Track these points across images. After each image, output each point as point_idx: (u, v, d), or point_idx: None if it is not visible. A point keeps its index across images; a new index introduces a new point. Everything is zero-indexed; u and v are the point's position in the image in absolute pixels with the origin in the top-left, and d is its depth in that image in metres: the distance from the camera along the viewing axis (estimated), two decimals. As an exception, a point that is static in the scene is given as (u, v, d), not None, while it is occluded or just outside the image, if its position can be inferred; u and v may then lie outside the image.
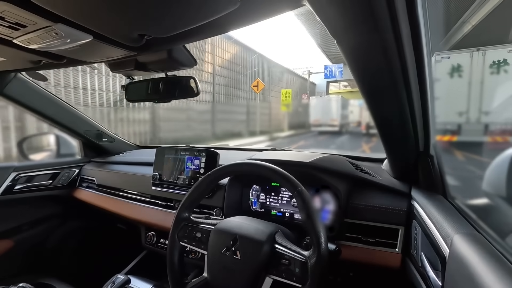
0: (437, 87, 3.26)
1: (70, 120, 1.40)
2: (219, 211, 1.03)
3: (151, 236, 1.23)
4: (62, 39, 0.59)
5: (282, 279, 0.61)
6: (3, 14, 0.50)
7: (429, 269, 0.56)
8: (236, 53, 9.22)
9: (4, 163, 1.29)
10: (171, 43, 0.73)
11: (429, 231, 0.59)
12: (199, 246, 0.72)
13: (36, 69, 1.03)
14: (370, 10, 0.40)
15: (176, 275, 0.74)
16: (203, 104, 7.74)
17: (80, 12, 0.51)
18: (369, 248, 0.81)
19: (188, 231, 0.75)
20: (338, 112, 11.28)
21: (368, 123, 10.51)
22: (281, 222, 0.80)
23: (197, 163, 1.10)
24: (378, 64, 0.51)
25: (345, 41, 0.48)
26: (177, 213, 0.77)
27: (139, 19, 0.56)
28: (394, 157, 0.86)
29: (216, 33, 0.68)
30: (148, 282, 1.07)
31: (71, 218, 1.53)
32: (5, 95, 1.15)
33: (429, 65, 0.56)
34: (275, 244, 0.65)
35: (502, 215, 0.56)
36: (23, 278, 0.98)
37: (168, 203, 1.17)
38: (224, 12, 0.53)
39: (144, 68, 0.91)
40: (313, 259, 0.58)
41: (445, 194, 0.74)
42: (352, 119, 12.44)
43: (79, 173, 1.52)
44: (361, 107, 11.62)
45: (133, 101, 1.13)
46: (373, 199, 0.84)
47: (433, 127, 0.69)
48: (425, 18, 0.48)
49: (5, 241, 1.27)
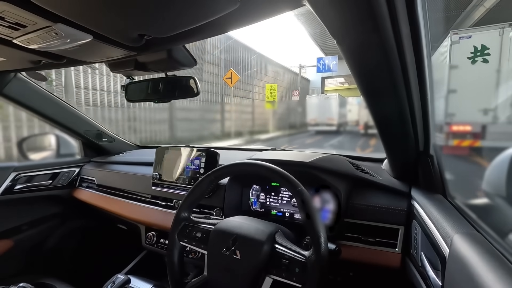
0: (453, 76, 3.12)
1: (70, 120, 1.40)
2: (219, 211, 1.03)
3: (151, 236, 1.23)
4: (62, 39, 0.59)
5: (282, 279, 0.61)
6: (3, 14, 0.50)
7: (429, 269, 0.56)
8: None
9: (4, 163, 1.28)
10: (171, 43, 0.73)
11: (429, 231, 0.59)
12: (199, 246, 0.72)
13: (36, 69, 1.03)
14: (370, 10, 0.40)
15: (176, 275, 0.74)
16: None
17: (80, 12, 0.51)
18: (369, 248, 0.81)
19: (188, 231, 0.75)
20: (336, 111, 10.65)
21: (366, 122, 9.76)
22: (281, 222, 0.80)
23: (197, 163, 1.10)
24: (378, 64, 0.51)
25: (345, 41, 0.48)
26: (177, 213, 0.77)
27: (139, 19, 0.56)
28: (394, 157, 0.86)
29: (216, 33, 0.68)
30: (148, 282, 1.07)
31: (71, 218, 1.53)
32: (5, 95, 1.15)
33: (429, 65, 0.56)
34: (275, 244, 0.65)
35: (502, 215, 0.56)
36: (23, 278, 0.98)
37: (168, 203, 1.17)
38: (224, 12, 0.53)
39: (144, 68, 0.91)
40: (313, 259, 0.58)
41: (445, 194, 0.74)
42: (351, 118, 11.73)
43: (79, 173, 1.52)
44: (359, 105, 10.85)
45: (133, 101, 1.13)
46: (373, 199, 0.84)
47: (433, 127, 0.69)
48: (425, 18, 0.48)
49: (5, 241, 1.26)
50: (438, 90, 4.34)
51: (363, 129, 10.15)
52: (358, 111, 11.26)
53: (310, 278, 0.58)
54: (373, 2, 0.39)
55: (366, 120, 9.78)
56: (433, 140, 0.73)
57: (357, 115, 11.38)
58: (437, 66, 4.55)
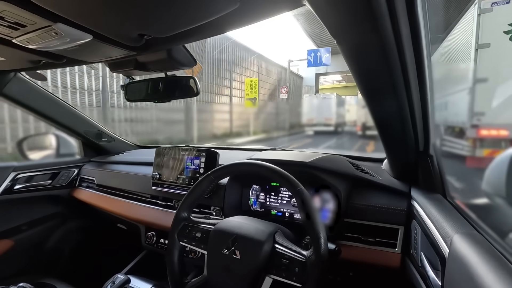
0: (483, 60, 2.19)
1: (70, 120, 1.40)
2: (219, 211, 1.03)
3: (151, 236, 1.23)
4: (62, 39, 0.59)
5: (282, 278, 0.61)
6: (3, 14, 0.50)
7: (429, 269, 0.56)
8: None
9: (3, 163, 1.28)
10: (171, 43, 0.73)
11: (429, 231, 0.59)
12: (199, 246, 0.72)
13: (36, 69, 1.03)
14: (370, 10, 0.40)
15: (176, 275, 0.74)
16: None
17: (79, 12, 0.51)
18: (369, 248, 0.81)
19: (188, 231, 0.75)
20: (334, 110, 10.11)
21: (364, 123, 8.91)
22: (281, 222, 0.80)
23: (197, 163, 1.09)
24: (378, 64, 0.51)
25: (345, 41, 0.48)
26: (176, 213, 0.77)
27: (139, 19, 0.56)
28: (394, 157, 0.86)
29: (216, 33, 0.68)
30: (148, 282, 1.07)
31: (71, 218, 1.53)
32: (4, 95, 1.15)
33: (429, 65, 0.56)
34: (275, 244, 0.65)
35: (501, 215, 0.56)
36: (23, 278, 0.98)
37: (168, 202, 1.17)
38: (224, 12, 0.53)
39: (144, 68, 0.91)
40: (313, 258, 0.59)
41: (444, 194, 0.74)
42: (349, 118, 11.18)
43: (79, 173, 1.52)
44: (357, 104, 10.26)
45: (132, 101, 1.13)
46: (373, 199, 0.84)
47: (433, 126, 0.69)
48: (425, 18, 0.48)
49: (5, 241, 1.26)
50: (460, 81, 3.20)
51: (361, 130, 9.48)
52: (356, 110, 10.69)
53: (310, 277, 0.58)
54: (373, 2, 0.39)
55: (364, 121, 9.22)
56: (433, 140, 0.73)
57: (355, 115, 10.80)
58: (456, 48, 3.35)
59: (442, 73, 3.41)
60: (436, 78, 0.60)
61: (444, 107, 3.79)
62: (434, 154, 0.75)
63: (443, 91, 3.54)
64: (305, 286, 0.58)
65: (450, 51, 3.76)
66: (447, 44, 3.84)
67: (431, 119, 0.67)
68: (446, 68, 3.69)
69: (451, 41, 3.74)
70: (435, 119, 0.68)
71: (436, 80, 0.61)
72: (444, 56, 3.85)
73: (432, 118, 0.67)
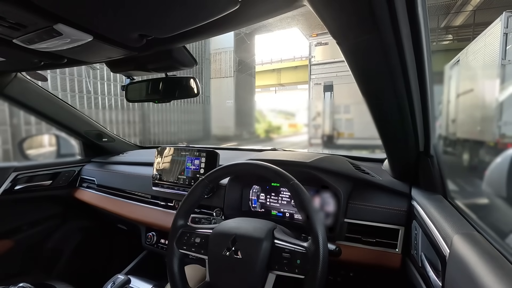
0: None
1: (70, 120, 1.40)
2: (219, 211, 1.02)
3: (151, 236, 1.23)
4: (62, 39, 0.59)
5: (284, 273, 0.61)
6: (3, 14, 0.50)
7: (429, 269, 0.56)
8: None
9: (4, 163, 1.29)
10: (171, 43, 0.73)
11: (429, 231, 0.59)
12: (198, 251, 0.71)
13: (36, 69, 1.03)
14: (370, 10, 0.40)
15: (177, 284, 0.73)
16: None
17: (80, 12, 0.51)
18: (369, 249, 0.81)
19: (187, 237, 0.74)
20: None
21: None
22: (281, 222, 0.80)
23: (197, 163, 1.10)
24: (378, 64, 0.51)
25: (346, 41, 0.48)
26: (173, 221, 0.76)
27: (140, 20, 0.56)
28: (394, 157, 0.86)
29: (216, 33, 0.68)
30: (148, 282, 1.07)
31: (71, 218, 1.53)
32: (5, 96, 1.15)
33: (429, 65, 0.56)
34: (275, 240, 0.65)
35: (502, 215, 0.56)
36: (23, 278, 0.98)
37: (168, 203, 1.17)
38: (224, 12, 0.53)
39: (144, 68, 0.91)
40: (313, 248, 0.59)
41: (445, 194, 0.74)
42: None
43: (79, 173, 1.52)
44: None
45: (133, 101, 1.13)
46: (373, 199, 0.84)
47: (433, 127, 0.69)
48: (425, 18, 0.48)
49: (5, 241, 1.27)
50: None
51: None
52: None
53: (311, 268, 0.58)
54: (373, 3, 0.39)
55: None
56: (433, 141, 0.73)
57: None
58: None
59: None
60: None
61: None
62: (435, 154, 0.75)
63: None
64: (307, 277, 0.58)
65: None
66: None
67: (431, 119, 0.67)
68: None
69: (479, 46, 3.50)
70: (435, 119, 0.68)
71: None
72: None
73: (432, 118, 0.67)
